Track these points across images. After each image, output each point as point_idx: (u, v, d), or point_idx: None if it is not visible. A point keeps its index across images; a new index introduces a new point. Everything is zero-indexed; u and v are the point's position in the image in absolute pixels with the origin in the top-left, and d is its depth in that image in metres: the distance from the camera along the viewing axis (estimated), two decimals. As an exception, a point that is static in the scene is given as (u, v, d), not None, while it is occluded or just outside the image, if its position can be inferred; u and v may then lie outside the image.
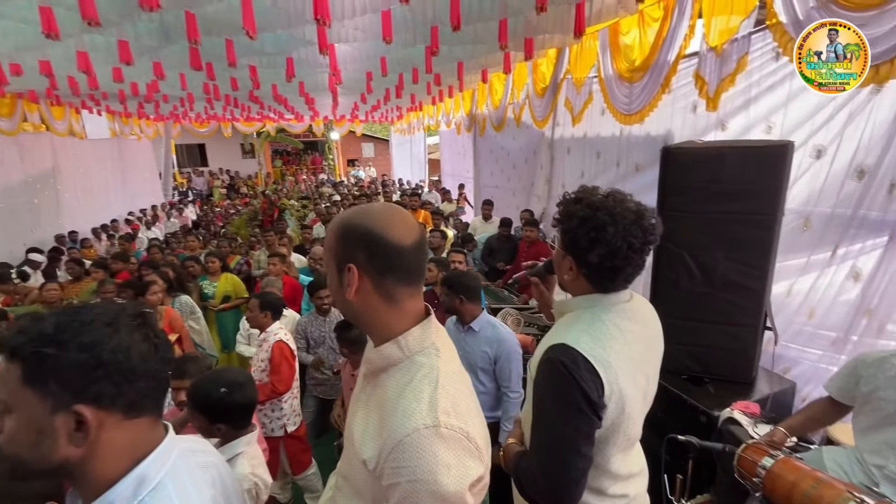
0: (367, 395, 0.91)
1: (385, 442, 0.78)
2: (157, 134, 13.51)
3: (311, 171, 20.44)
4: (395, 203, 8.27)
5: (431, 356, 0.86)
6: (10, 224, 7.89)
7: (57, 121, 9.10)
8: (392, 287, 0.86)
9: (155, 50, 4.37)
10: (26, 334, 0.60)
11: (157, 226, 11.01)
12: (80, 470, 0.63)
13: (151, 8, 2.61)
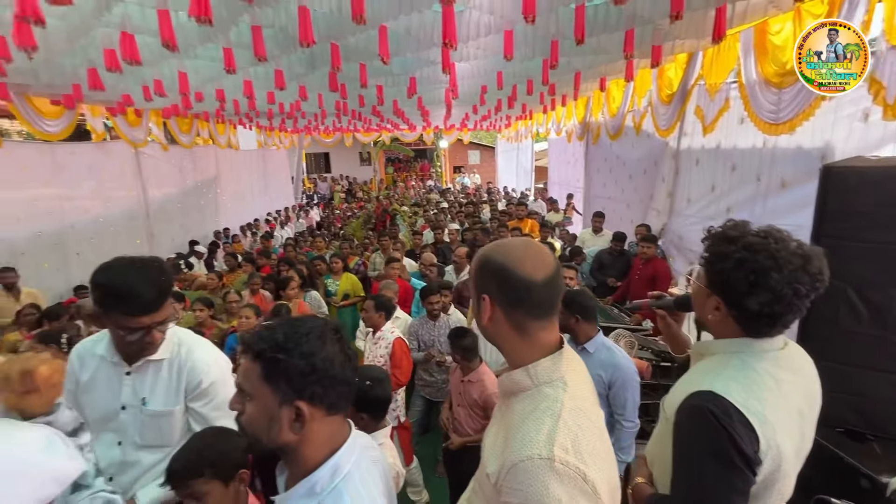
0: (501, 413, 0.98)
1: (504, 461, 0.83)
2: (292, 144, 15.33)
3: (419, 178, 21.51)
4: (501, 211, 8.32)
5: (558, 389, 0.88)
6: (184, 220, 9.58)
7: (220, 135, 10.85)
8: (522, 319, 0.91)
9: (301, 76, 5.00)
10: (266, 341, 0.77)
11: (288, 225, 12.48)
12: (294, 453, 0.79)
13: (308, 44, 3.00)
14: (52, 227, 6.48)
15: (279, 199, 14.76)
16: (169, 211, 9.01)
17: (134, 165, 8.05)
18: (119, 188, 7.79)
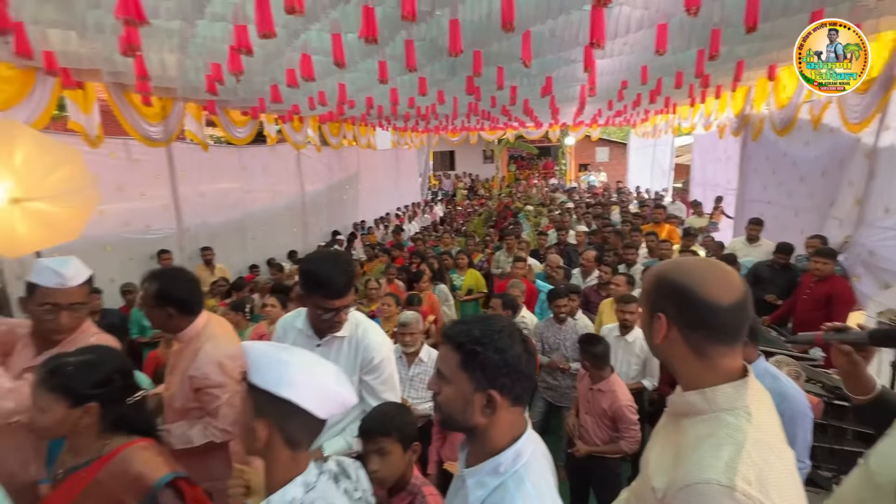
0: (667, 431, 0.97)
1: (674, 480, 0.82)
2: (421, 144, 16.28)
3: (542, 176, 21.13)
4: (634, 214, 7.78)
5: (741, 418, 0.85)
6: (330, 212, 10.86)
7: (362, 137, 12.03)
8: (701, 342, 0.88)
9: (442, 82, 5.31)
10: (465, 335, 0.90)
11: (415, 220, 13.32)
12: (482, 434, 0.91)
13: (456, 53, 3.20)
14: (237, 216, 7.90)
15: (408, 194, 15.82)
16: (319, 204, 10.30)
17: (295, 165, 9.38)
18: (283, 184, 9.16)
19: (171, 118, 6.23)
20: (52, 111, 4.89)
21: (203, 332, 1.71)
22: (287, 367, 0.94)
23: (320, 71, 4.35)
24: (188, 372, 1.62)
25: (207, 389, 1.61)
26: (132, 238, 6.08)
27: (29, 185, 3.43)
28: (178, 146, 6.57)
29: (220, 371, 1.64)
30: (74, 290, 1.57)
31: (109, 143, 5.56)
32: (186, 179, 6.80)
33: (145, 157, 6.13)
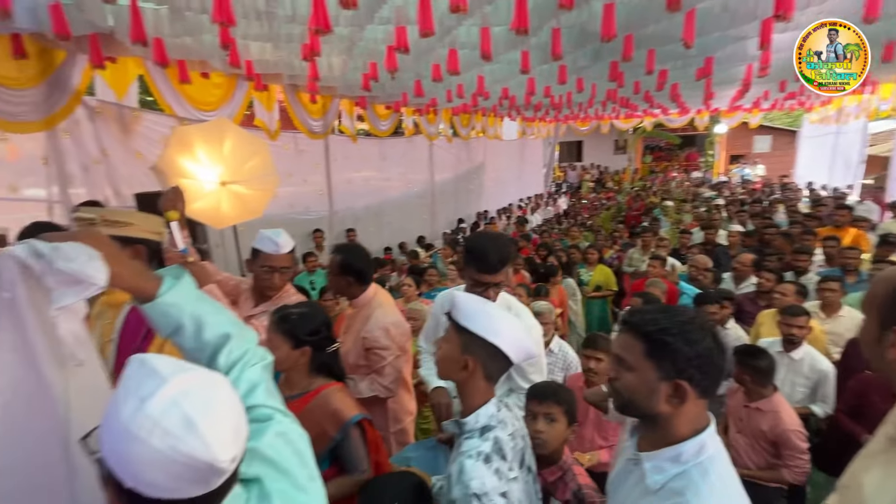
0: (887, 457, 0.87)
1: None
2: (548, 134, 15.89)
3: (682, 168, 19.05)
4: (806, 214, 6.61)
5: None
6: (456, 202, 11.29)
7: (490, 127, 12.21)
8: None
9: (583, 69, 5.12)
10: (652, 324, 0.91)
11: (538, 212, 13.13)
12: (664, 422, 0.92)
13: (609, 38, 3.07)
14: (375, 201, 8.68)
15: (531, 186, 15.63)
16: (447, 193, 10.78)
17: (427, 155, 9.92)
18: (416, 173, 9.78)
19: (329, 114, 7.07)
20: (244, 110, 5.93)
21: (373, 300, 1.97)
22: (494, 319, 1.13)
23: (463, 64, 4.53)
24: (361, 333, 1.89)
25: (376, 350, 1.86)
26: (294, 218, 7.09)
27: (232, 171, 4.24)
28: (333, 138, 7.46)
29: (387, 336, 1.87)
30: (285, 256, 1.95)
31: (283, 137, 6.54)
32: (338, 168, 7.69)
33: (308, 149, 7.07)
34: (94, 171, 4.65)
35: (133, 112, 4.91)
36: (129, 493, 0.58)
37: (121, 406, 0.60)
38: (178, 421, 0.59)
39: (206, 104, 5.36)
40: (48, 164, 4.30)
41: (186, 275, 0.92)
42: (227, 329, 0.91)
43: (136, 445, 0.57)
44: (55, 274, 0.77)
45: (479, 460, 1.05)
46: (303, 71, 4.93)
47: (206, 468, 0.59)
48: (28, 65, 3.91)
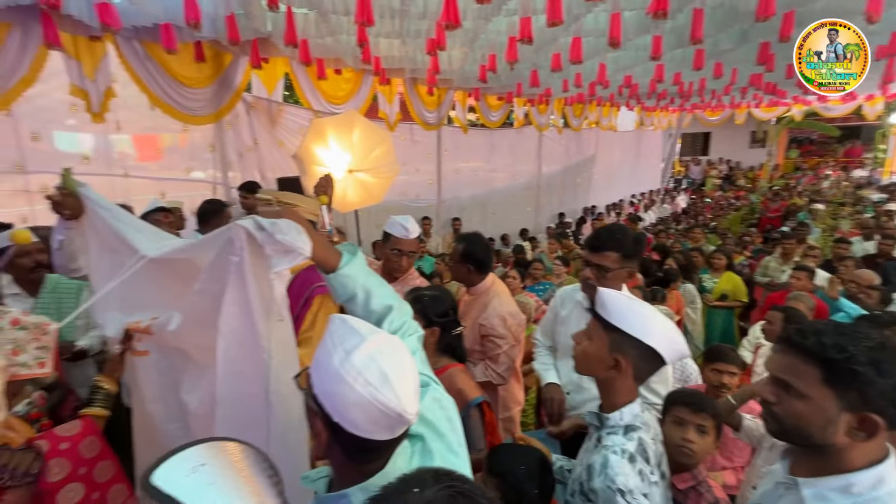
0: None
1: None
2: (669, 125, 14.53)
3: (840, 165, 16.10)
4: None
5: None
6: (562, 195, 10.93)
7: (604, 118, 11.55)
8: None
9: (724, 52, 4.59)
10: (836, 349, 0.80)
11: (652, 210, 12.16)
12: (836, 452, 0.83)
13: (766, 17, 2.71)
14: (481, 192, 8.78)
15: (645, 181, 14.51)
16: (553, 186, 10.49)
17: (536, 146, 9.73)
18: (523, 165, 9.66)
19: (443, 105, 7.29)
20: (369, 103, 6.38)
21: (491, 289, 2.03)
22: (646, 318, 1.09)
23: (587, 52, 4.35)
24: (478, 320, 1.96)
25: (492, 338, 1.93)
26: (406, 205, 7.48)
27: (359, 160, 4.63)
28: (445, 129, 7.69)
29: (504, 325, 1.92)
30: (412, 241, 2.10)
31: (400, 128, 6.91)
32: (448, 158, 7.92)
33: (422, 139, 7.38)
34: (247, 157, 5.40)
35: (279, 106, 5.57)
36: (334, 426, 0.69)
37: (331, 354, 0.71)
38: (376, 374, 0.69)
39: (336, 98, 5.88)
40: (214, 151, 5.10)
41: (360, 252, 1.07)
42: (389, 301, 1.04)
43: (344, 388, 0.68)
44: (273, 244, 0.94)
45: (625, 458, 1.04)
46: (424, 65, 5.15)
47: (397, 417, 0.69)
48: (205, 67, 4.65)
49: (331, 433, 0.71)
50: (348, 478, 0.75)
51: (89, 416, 1.28)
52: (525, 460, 1.26)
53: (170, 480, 0.54)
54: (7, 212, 3.79)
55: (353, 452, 0.72)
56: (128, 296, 1.42)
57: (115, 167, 4.40)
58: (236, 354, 1.02)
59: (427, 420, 0.84)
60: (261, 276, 1.01)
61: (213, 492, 0.53)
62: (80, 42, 3.81)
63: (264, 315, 1.01)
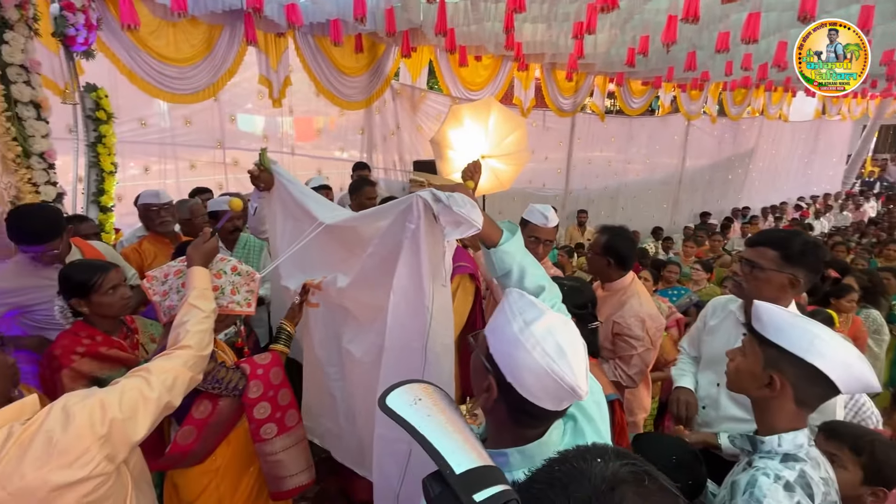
0: None
1: None
2: (864, 114, 11.87)
3: None
4: None
5: None
6: (707, 192, 9.72)
7: (772, 105, 9.89)
8: None
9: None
10: None
11: (825, 217, 10.17)
12: None
13: None
14: (613, 184, 8.27)
15: (820, 181, 12.16)
16: (697, 181, 9.39)
17: (681, 137, 8.78)
18: (664, 156, 8.81)
19: (580, 91, 6.98)
20: (505, 89, 6.40)
21: (630, 287, 1.93)
22: (815, 336, 0.97)
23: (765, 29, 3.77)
24: (613, 318, 1.89)
25: (626, 338, 1.85)
26: (531, 193, 7.40)
27: (493, 146, 4.70)
28: (579, 116, 7.36)
29: (642, 327, 1.83)
30: (550, 229, 2.10)
31: (533, 114, 6.82)
32: (580, 147, 7.59)
33: (554, 126, 7.18)
34: (389, 141, 5.86)
35: (421, 92, 5.90)
36: (507, 386, 0.74)
37: (510, 321, 0.76)
38: (553, 346, 0.73)
39: (474, 84, 6.02)
40: (363, 134, 5.64)
41: (518, 231, 1.12)
42: (542, 282, 1.08)
43: (522, 352, 0.73)
44: (448, 215, 1.05)
45: (779, 484, 0.94)
46: (567, 49, 4.98)
47: (569, 391, 0.72)
48: (361, 57, 5.13)
49: (501, 392, 0.76)
50: (505, 437, 0.81)
51: (276, 351, 1.57)
52: (676, 451, 1.19)
53: (399, 406, 0.65)
54: (207, 179, 4.69)
55: (517, 414, 0.77)
56: (306, 257, 1.69)
57: (284, 146, 5.14)
58: (403, 310, 1.16)
59: (579, 403, 0.86)
60: (432, 244, 1.12)
61: (431, 422, 0.63)
62: (269, 38, 4.50)
63: (431, 279, 1.13)
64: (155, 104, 4.16)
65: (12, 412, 0.85)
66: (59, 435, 0.84)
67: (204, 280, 1.30)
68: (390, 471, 1.20)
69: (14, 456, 0.80)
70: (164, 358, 1.09)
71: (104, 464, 0.89)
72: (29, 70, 2.19)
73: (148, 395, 0.98)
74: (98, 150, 3.23)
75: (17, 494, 0.79)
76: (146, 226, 2.66)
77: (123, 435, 0.93)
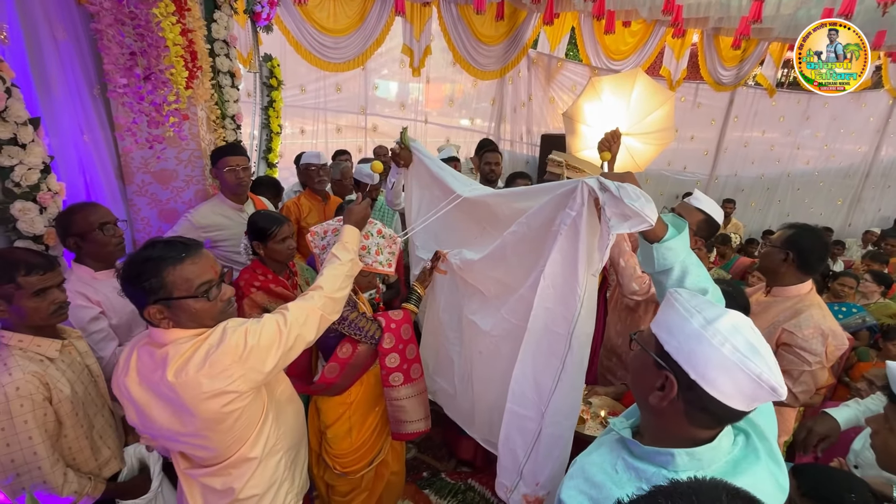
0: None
1: None
2: None
3: None
4: None
5: None
6: None
7: None
8: None
9: None
10: None
11: None
12: None
13: None
14: (772, 172, 7.08)
15: None
16: (893, 176, 7.56)
17: (881, 118, 7.08)
18: (850, 142, 7.23)
19: (748, 61, 6.00)
20: (652, 59, 5.78)
21: (807, 296, 1.66)
22: None
23: None
24: (785, 326, 1.64)
25: (800, 351, 1.60)
26: (668, 176, 6.72)
27: (633, 123, 4.32)
28: (740, 91, 6.36)
29: (823, 342, 1.57)
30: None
31: (683, 87, 6.07)
32: (736, 126, 6.60)
33: (707, 103, 6.33)
34: (519, 112, 5.74)
35: (559, 61, 5.62)
36: (689, 384, 0.72)
37: (688, 319, 0.74)
38: (744, 343, 0.70)
39: (618, 53, 5.55)
40: (494, 104, 5.61)
41: (686, 228, 1.06)
42: (705, 284, 1.02)
43: (707, 348, 0.70)
44: (617, 206, 1.02)
45: None
46: (740, 11, 4.28)
47: (768, 389, 0.68)
48: (501, 25, 5.04)
49: (681, 389, 0.74)
50: (671, 437, 0.78)
51: (408, 310, 1.72)
52: (854, 488, 1.06)
53: None
54: (350, 141, 5.14)
55: (696, 412, 0.74)
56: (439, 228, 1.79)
57: (419, 114, 5.36)
58: (551, 295, 1.18)
59: (752, 420, 0.81)
60: (591, 233, 1.11)
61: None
62: (415, 8, 4.65)
63: (586, 267, 1.12)
64: (313, 72, 4.63)
65: (201, 330, 1.07)
66: (213, 350, 1.02)
67: (350, 236, 1.46)
68: (516, 445, 1.25)
69: (186, 357, 1.01)
70: (301, 298, 1.25)
71: (239, 381, 1.03)
72: (229, 44, 2.60)
73: (283, 331, 1.13)
74: (269, 114, 3.74)
75: (183, 386, 0.99)
76: (304, 183, 3.04)
77: (257, 361, 1.07)
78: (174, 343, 1.03)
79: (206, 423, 1.04)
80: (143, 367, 1.03)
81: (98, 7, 1.68)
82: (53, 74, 1.82)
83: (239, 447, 1.12)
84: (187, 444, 1.09)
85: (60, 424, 1.32)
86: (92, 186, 2.04)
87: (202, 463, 1.13)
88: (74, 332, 1.49)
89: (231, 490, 1.13)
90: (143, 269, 1.00)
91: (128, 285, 1.01)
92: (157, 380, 1.00)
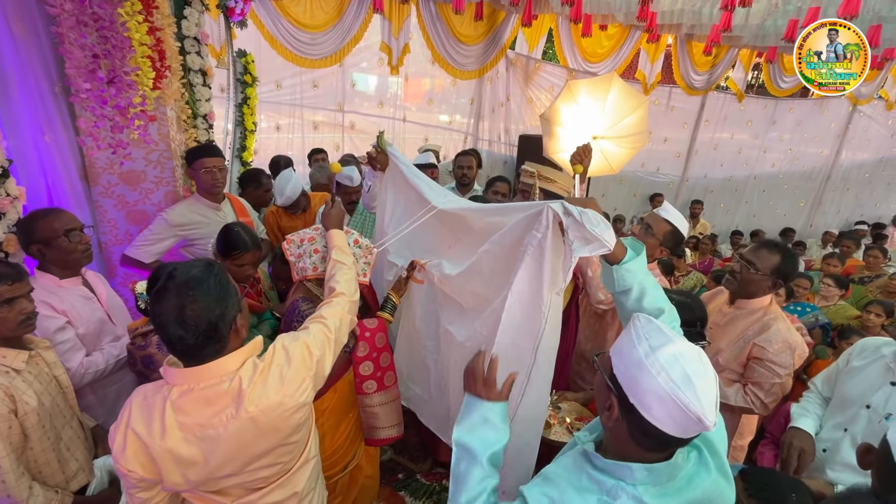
0: None
1: None
2: None
3: None
4: None
5: None
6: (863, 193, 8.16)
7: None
8: None
9: None
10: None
11: None
12: None
13: None
14: (739, 174, 7.34)
15: None
16: (851, 180, 7.95)
17: (841, 124, 7.41)
18: (811, 146, 7.54)
19: (718, 67, 6.18)
20: (628, 62, 5.89)
21: (770, 308, 1.74)
22: None
23: None
24: (755, 340, 1.69)
25: (771, 364, 1.66)
26: (641, 178, 6.89)
27: (608, 126, 4.40)
28: (711, 95, 6.55)
29: (791, 355, 1.66)
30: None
31: (657, 91, 6.21)
32: (707, 129, 6.81)
33: (680, 105, 6.50)
34: (497, 112, 5.78)
35: (536, 63, 5.67)
36: (629, 407, 0.77)
37: (636, 345, 0.78)
38: (679, 373, 0.73)
39: (595, 56, 5.63)
40: (473, 104, 5.63)
41: (643, 251, 1.11)
42: (662, 304, 1.07)
43: (646, 377, 0.75)
44: (579, 231, 1.06)
45: None
46: (710, 19, 4.41)
47: (695, 420, 0.72)
48: (480, 25, 5.04)
49: (623, 411, 0.79)
50: (623, 454, 0.83)
51: (382, 318, 1.74)
52: (795, 490, 1.12)
53: None
54: (327, 138, 5.08)
55: (638, 435, 0.78)
56: (413, 237, 1.81)
57: (398, 112, 5.34)
58: (517, 312, 1.22)
59: (704, 434, 0.85)
60: (555, 254, 1.15)
61: None
62: (393, 5, 4.61)
63: (550, 286, 1.17)
64: (289, 68, 4.55)
65: (251, 348, 1.06)
66: (286, 369, 1.05)
67: (340, 238, 1.49)
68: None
69: (260, 383, 1.02)
70: (328, 305, 1.28)
71: (310, 392, 1.10)
72: (200, 41, 2.53)
73: (329, 337, 1.18)
74: (243, 111, 3.67)
75: (265, 410, 1.01)
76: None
77: (321, 369, 1.14)
78: (228, 376, 1.00)
79: (285, 437, 1.07)
80: (198, 416, 0.98)
81: (59, 10, 1.62)
82: (11, 73, 1.75)
83: (303, 450, 1.17)
84: (253, 470, 1.07)
85: (26, 437, 1.29)
86: (54, 189, 1.97)
87: (264, 484, 1.12)
88: (42, 342, 1.45)
89: (295, 495, 1.18)
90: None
91: None
92: (227, 419, 0.99)
